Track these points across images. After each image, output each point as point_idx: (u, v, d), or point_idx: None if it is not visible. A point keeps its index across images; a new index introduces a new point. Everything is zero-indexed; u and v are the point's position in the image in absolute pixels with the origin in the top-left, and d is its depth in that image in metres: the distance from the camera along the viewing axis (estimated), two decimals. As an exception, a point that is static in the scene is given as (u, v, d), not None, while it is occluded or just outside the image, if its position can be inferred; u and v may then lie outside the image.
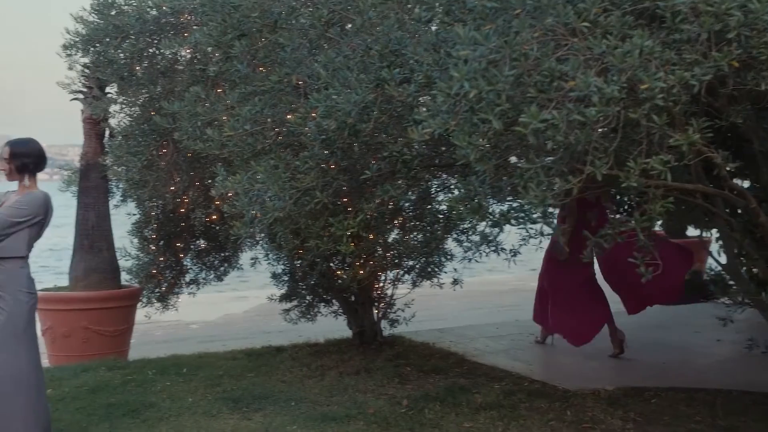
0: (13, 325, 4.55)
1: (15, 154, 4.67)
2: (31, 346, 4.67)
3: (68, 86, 7.92)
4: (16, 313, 4.56)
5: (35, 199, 4.60)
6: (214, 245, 8.54)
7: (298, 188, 4.17)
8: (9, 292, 4.54)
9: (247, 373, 6.90)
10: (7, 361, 4.51)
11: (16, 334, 4.57)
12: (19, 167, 4.66)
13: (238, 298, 13.27)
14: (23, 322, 4.60)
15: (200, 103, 4.73)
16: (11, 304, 4.55)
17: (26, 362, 4.60)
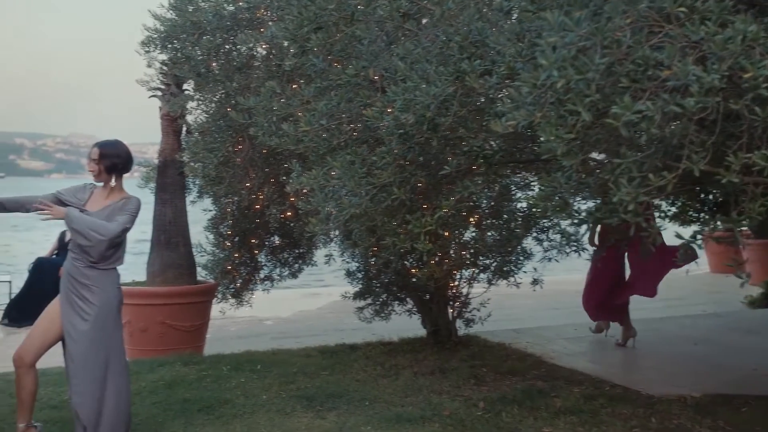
0: (104, 317, 4.72)
1: (104, 155, 4.79)
2: (120, 336, 4.86)
3: (147, 84, 8.02)
4: (106, 306, 4.73)
5: (137, 205, 4.81)
6: (288, 242, 8.54)
7: (375, 184, 4.05)
8: (100, 286, 4.70)
9: (321, 371, 6.84)
10: (99, 349, 4.69)
11: (108, 324, 4.74)
12: (107, 168, 4.78)
13: (311, 294, 13.30)
14: (114, 314, 4.79)
15: (276, 98, 4.67)
16: (102, 298, 4.71)
17: (117, 351, 4.80)
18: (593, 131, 3.30)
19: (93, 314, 4.69)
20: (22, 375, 4.77)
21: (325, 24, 4.30)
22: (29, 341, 4.79)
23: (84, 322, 4.69)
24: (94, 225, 4.62)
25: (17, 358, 4.77)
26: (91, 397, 4.70)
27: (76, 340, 4.69)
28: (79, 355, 4.69)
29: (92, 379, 4.70)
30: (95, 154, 4.79)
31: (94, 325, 4.69)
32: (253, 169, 6.78)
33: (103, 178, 4.81)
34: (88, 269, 4.71)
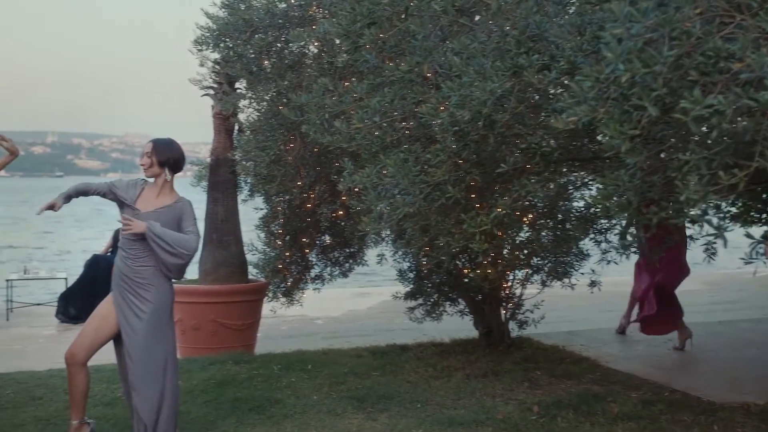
0: (159, 314, 4.74)
1: (157, 149, 4.83)
2: (173, 334, 4.88)
3: (199, 82, 8.03)
4: (161, 303, 4.76)
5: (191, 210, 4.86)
6: (339, 241, 8.49)
7: (429, 183, 3.96)
8: (155, 285, 4.72)
9: (372, 372, 6.77)
10: (156, 347, 4.71)
11: (162, 322, 4.77)
12: (160, 162, 4.81)
13: (361, 294, 13.24)
14: (168, 311, 4.82)
15: (328, 95, 4.61)
16: (157, 296, 4.73)
17: (170, 348, 4.81)
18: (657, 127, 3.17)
19: (149, 312, 4.70)
20: (75, 372, 4.79)
21: (378, 19, 4.22)
22: (81, 339, 4.81)
23: (139, 320, 4.69)
24: (180, 241, 4.67)
25: (69, 355, 4.79)
26: (151, 395, 4.71)
27: (133, 338, 4.69)
28: (137, 353, 4.69)
29: (151, 378, 4.71)
30: (148, 148, 4.83)
31: (149, 323, 4.70)
32: (305, 168, 6.74)
33: (155, 171, 4.81)
34: (142, 268, 4.72)
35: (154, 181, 4.87)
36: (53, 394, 6.04)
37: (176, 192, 4.90)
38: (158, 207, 4.79)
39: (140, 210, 4.78)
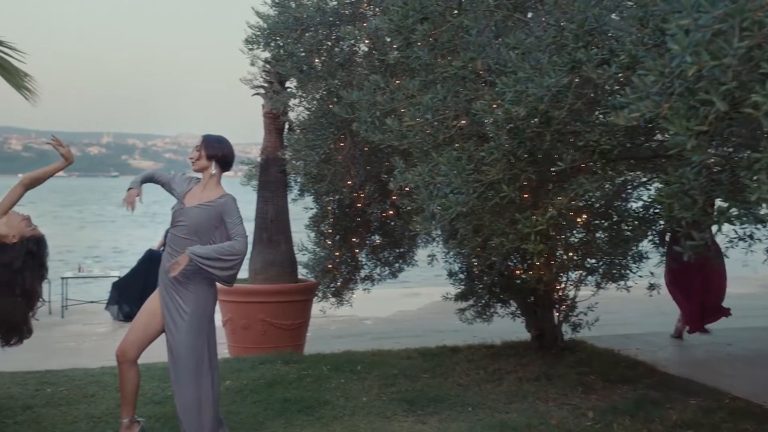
0: (200, 315, 4.70)
1: (207, 143, 4.80)
2: (213, 334, 4.83)
3: (250, 82, 8.04)
4: (203, 304, 4.72)
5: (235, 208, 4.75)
6: (389, 241, 8.42)
7: (482, 181, 3.86)
8: (197, 283, 4.67)
9: (422, 374, 6.68)
10: (196, 346, 4.68)
11: (203, 323, 4.73)
12: (208, 156, 4.77)
13: (411, 294, 13.15)
14: (209, 312, 4.78)
15: (379, 92, 4.53)
16: (198, 296, 4.69)
17: (210, 350, 4.77)
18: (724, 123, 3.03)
19: (189, 312, 4.67)
20: (126, 370, 4.79)
21: (430, 15, 4.14)
22: (131, 336, 4.81)
23: (182, 320, 4.67)
24: (227, 253, 4.59)
25: (120, 353, 4.80)
26: (189, 395, 4.68)
27: (176, 337, 4.68)
28: (178, 352, 4.67)
29: (191, 378, 4.67)
30: (198, 141, 4.82)
31: (190, 323, 4.67)
32: (355, 167, 6.68)
33: (202, 164, 4.78)
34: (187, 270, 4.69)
35: (202, 174, 4.84)
36: (105, 392, 6.07)
37: (222, 188, 4.83)
38: (201, 202, 4.74)
39: (185, 205, 4.76)
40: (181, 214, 4.75)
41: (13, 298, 4.36)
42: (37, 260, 4.48)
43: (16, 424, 5.33)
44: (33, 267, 4.44)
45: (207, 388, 4.72)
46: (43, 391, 6.10)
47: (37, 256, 4.48)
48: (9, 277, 4.35)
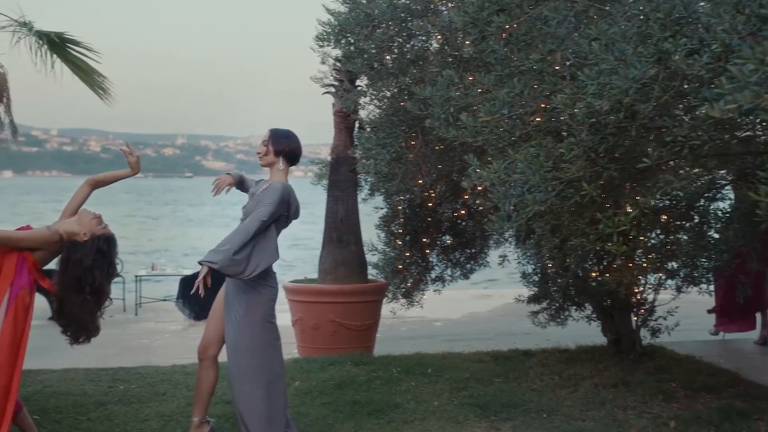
0: (250, 318, 4.58)
1: (274, 137, 4.72)
2: (269, 337, 4.66)
3: (320, 80, 7.99)
4: (254, 306, 4.60)
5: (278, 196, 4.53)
6: (460, 242, 8.26)
7: (561, 179, 3.69)
8: (250, 284, 4.57)
9: (495, 378, 6.51)
10: (244, 351, 4.57)
11: (253, 327, 4.60)
12: (276, 150, 4.69)
13: (482, 296, 12.96)
14: (261, 314, 4.62)
15: (453, 88, 4.39)
16: (251, 296, 4.58)
17: (264, 355, 4.62)
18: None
19: (240, 315, 4.58)
20: (205, 368, 4.76)
21: (507, 6, 3.98)
22: (209, 333, 4.78)
23: (236, 320, 4.60)
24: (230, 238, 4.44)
25: (202, 350, 4.77)
26: (241, 396, 4.61)
27: (230, 337, 4.61)
28: (231, 354, 4.61)
29: (241, 380, 4.60)
30: (266, 136, 4.73)
31: (241, 326, 4.58)
32: (426, 166, 6.55)
33: (270, 159, 4.69)
34: None
35: (269, 169, 4.74)
36: (176, 390, 6.09)
37: (286, 177, 4.73)
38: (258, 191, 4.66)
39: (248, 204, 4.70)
40: (245, 213, 4.69)
41: (82, 297, 4.37)
42: (106, 259, 4.47)
43: (89, 420, 5.37)
44: (102, 265, 4.44)
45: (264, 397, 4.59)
46: (116, 388, 6.15)
47: (107, 254, 4.48)
48: (79, 275, 4.36)
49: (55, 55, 7.45)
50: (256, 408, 4.57)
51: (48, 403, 5.67)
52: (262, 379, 4.59)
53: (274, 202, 4.47)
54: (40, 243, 4.32)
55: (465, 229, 8.08)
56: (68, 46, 7.48)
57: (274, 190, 4.53)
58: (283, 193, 4.52)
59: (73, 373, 6.56)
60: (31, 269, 4.29)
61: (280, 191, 4.52)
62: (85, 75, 7.55)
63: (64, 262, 4.42)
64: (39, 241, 4.32)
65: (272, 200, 4.48)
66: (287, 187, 4.59)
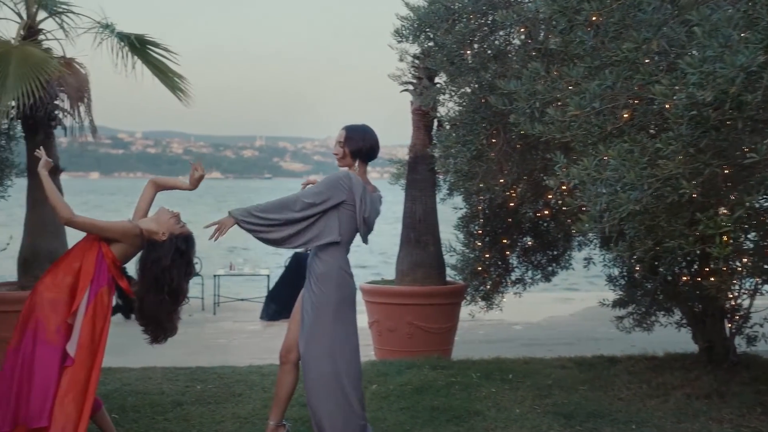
0: (318, 317, 4.46)
1: (350, 138, 4.56)
2: (340, 338, 4.50)
3: (398, 78, 7.85)
4: (322, 304, 4.47)
5: (331, 178, 4.45)
6: (541, 243, 8.00)
7: (658, 177, 3.44)
8: (320, 284, 4.45)
9: (579, 386, 6.24)
10: (314, 352, 4.44)
11: (323, 327, 4.47)
12: (352, 152, 4.54)
13: (562, 299, 12.61)
14: (330, 315, 4.48)
15: (539, 80, 4.17)
16: (320, 296, 4.46)
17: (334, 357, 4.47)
18: None
19: (311, 313, 4.46)
20: (286, 372, 4.66)
21: (599, -8, 3.75)
22: (290, 337, 4.67)
23: (307, 319, 4.48)
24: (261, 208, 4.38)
25: (284, 353, 4.67)
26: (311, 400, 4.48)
27: (302, 338, 4.50)
28: (303, 355, 4.49)
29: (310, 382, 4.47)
30: (341, 137, 4.57)
31: (310, 326, 4.45)
32: (507, 164, 6.33)
33: (347, 162, 4.56)
34: (314, 265, 4.49)
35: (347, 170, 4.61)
36: (252, 392, 6.02)
37: (365, 176, 4.59)
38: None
39: None
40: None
41: (160, 296, 4.33)
42: (185, 258, 4.42)
43: (166, 420, 5.33)
44: (181, 265, 4.39)
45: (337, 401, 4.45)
46: (193, 388, 6.12)
47: (186, 254, 4.43)
48: (157, 275, 4.31)
49: (136, 56, 7.52)
50: (332, 413, 4.44)
51: (126, 401, 5.67)
52: (338, 382, 4.46)
53: (324, 186, 4.40)
54: (121, 234, 4.29)
55: (547, 230, 7.82)
56: (148, 48, 7.55)
57: (331, 177, 4.45)
58: (334, 179, 4.42)
59: (151, 372, 6.57)
60: (110, 267, 4.26)
61: (332, 176, 4.44)
62: (165, 77, 7.60)
63: (143, 262, 4.39)
64: (120, 232, 4.29)
65: (324, 185, 4.41)
66: (347, 174, 4.46)
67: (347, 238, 4.49)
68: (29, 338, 4.12)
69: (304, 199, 4.37)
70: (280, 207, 4.40)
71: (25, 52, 6.65)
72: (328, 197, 4.38)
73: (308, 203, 4.35)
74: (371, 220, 4.57)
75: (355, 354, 4.58)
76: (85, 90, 7.28)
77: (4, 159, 7.37)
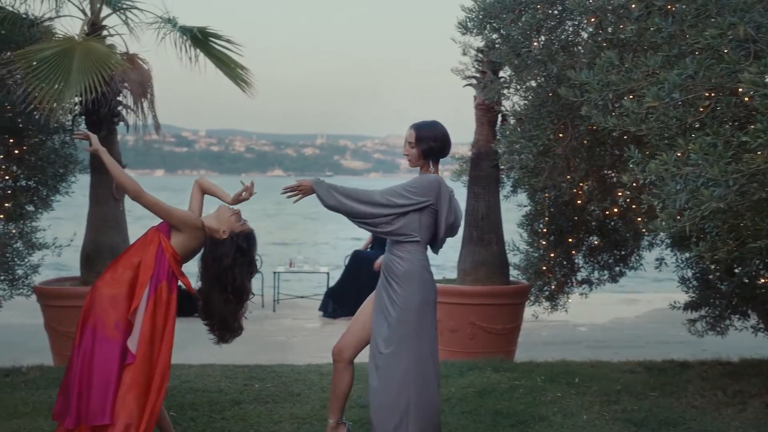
0: (405, 319, 4.31)
1: (420, 138, 4.37)
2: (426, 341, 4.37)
3: (461, 72, 7.67)
4: (409, 306, 4.32)
5: (422, 180, 4.31)
6: (608, 242, 7.72)
7: (744, 172, 3.20)
8: (405, 284, 4.31)
9: (649, 392, 5.98)
10: (399, 355, 4.29)
11: (409, 329, 4.32)
12: (424, 152, 4.37)
13: (628, 300, 12.25)
14: (416, 317, 4.34)
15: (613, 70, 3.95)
16: (405, 297, 4.31)
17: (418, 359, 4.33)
18: None
19: (395, 316, 4.30)
20: (340, 370, 4.54)
21: (677, -23, 3.52)
22: (348, 336, 4.55)
23: (386, 322, 4.33)
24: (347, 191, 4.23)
25: (337, 352, 4.55)
26: (386, 404, 4.32)
27: (377, 339, 4.36)
28: (378, 356, 4.33)
29: (390, 388, 4.29)
30: (411, 137, 4.37)
31: (395, 328, 4.30)
32: (575, 160, 6.09)
33: (419, 164, 4.40)
34: (393, 263, 4.34)
35: (419, 172, 4.46)
36: (310, 391, 5.92)
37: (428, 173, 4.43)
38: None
39: None
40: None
41: (224, 296, 4.23)
42: (247, 257, 4.31)
43: (223, 419, 5.26)
44: (243, 264, 4.28)
45: (413, 404, 4.29)
46: (251, 386, 6.04)
47: (248, 252, 4.32)
48: (219, 274, 4.22)
49: (198, 49, 7.50)
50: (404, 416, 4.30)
51: (184, 399, 5.62)
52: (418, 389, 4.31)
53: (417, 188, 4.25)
54: (183, 221, 4.20)
55: (614, 229, 7.55)
56: (210, 40, 7.53)
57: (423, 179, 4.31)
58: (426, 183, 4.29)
59: (210, 369, 6.52)
60: (170, 261, 4.18)
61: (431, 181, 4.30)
62: (228, 68, 7.57)
63: (204, 260, 4.30)
64: (183, 220, 4.20)
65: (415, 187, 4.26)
66: (437, 179, 4.33)
67: (425, 241, 4.37)
68: (89, 335, 4.07)
69: (391, 197, 4.24)
70: (363, 196, 4.25)
71: (88, 47, 6.66)
72: (418, 201, 4.26)
73: (397, 203, 4.24)
74: (457, 224, 4.45)
75: (436, 358, 4.45)
76: (148, 86, 7.28)
77: (68, 155, 7.40)
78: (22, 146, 6.99)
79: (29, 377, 6.27)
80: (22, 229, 7.25)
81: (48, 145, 7.27)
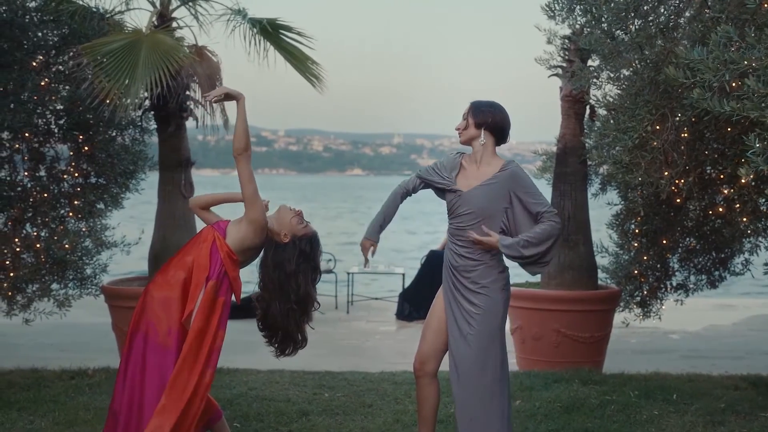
0: (491, 323, 4.01)
1: (475, 108, 4.10)
2: (503, 347, 4.11)
3: (546, 62, 7.19)
4: (493, 309, 4.02)
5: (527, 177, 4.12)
6: (706, 244, 7.11)
7: None
8: (487, 285, 4.00)
9: (759, 411, 5.39)
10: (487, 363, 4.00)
11: (493, 333, 4.03)
12: (477, 123, 4.06)
13: (724, 306, 11.47)
14: (500, 319, 4.06)
15: (732, 47, 3.44)
16: (488, 299, 4.00)
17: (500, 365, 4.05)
18: None
19: (479, 319, 3.96)
20: (424, 386, 4.15)
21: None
22: (425, 345, 4.16)
23: (469, 327, 3.96)
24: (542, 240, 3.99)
25: (418, 366, 4.16)
26: (478, 417, 3.95)
27: (461, 347, 3.97)
28: (465, 365, 3.96)
29: (479, 398, 3.97)
30: (466, 109, 4.11)
31: (481, 333, 3.95)
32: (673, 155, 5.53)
33: (470, 134, 4.06)
34: (472, 263, 3.99)
35: (472, 147, 4.10)
36: (383, 402, 5.54)
37: (500, 157, 4.09)
38: (483, 181, 4.00)
39: (462, 190, 4.03)
40: (461, 203, 4.03)
41: (287, 305, 3.87)
42: (310, 262, 3.94)
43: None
44: (306, 270, 3.91)
45: (496, 415, 3.97)
46: (321, 395, 5.70)
47: (311, 257, 3.95)
48: (281, 281, 3.86)
49: (268, 42, 7.22)
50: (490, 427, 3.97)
51: (250, 408, 5.31)
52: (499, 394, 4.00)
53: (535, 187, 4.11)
54: (261, 211, 3.85)
55: (714, 229, 6.93)
56: (281, 33, 7.24)
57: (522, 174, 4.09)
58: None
59: (278, 375, 6.20)
60: (225, 260, 3.83)
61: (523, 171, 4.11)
62: (298, 62, 7.27)
63: (264, 265, 3.95)
64: (262, 209, 3.87)
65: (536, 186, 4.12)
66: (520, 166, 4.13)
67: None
68: (139, 343, 3.77)
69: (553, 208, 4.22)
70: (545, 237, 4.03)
71: (155, 39, 6.43)
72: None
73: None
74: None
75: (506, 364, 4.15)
76: (217, 79, 7.03)
77: (138, 152, 7.19)
78: (92, 143, 6.81)
79: (94, 380, 6.08)
80: (92, 227, 7.08)
81: (118, 142, 7.08)
